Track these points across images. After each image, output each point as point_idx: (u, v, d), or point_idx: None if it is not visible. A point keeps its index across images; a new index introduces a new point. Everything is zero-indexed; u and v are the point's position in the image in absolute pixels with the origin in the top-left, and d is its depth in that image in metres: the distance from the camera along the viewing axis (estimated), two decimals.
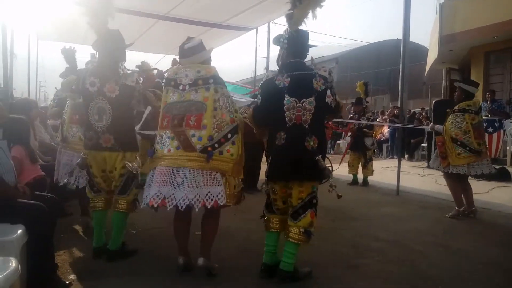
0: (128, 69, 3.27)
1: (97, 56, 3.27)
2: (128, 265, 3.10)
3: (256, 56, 9.00)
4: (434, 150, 5.34)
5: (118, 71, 3.12)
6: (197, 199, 2.57)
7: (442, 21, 11.94)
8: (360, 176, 7.25)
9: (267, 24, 8.67)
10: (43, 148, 4.98)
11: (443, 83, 15.61)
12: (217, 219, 2.89)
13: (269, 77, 2.85)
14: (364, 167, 7.14)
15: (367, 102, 7.39)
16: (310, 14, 2.76)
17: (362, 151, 7.13)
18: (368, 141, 7.09)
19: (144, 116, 4.54)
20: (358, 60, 28.52)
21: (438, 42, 12.12)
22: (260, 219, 3.09)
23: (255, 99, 3.41)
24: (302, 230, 2.73)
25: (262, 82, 2.94)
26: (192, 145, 2.63)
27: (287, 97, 2.70)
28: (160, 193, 2.60)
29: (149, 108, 3.99)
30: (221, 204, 2.61)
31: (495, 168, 7.32)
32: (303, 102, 2.68)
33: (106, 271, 2.99)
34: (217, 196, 2.60)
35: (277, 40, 2.89)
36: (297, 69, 2.77)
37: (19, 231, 2.31)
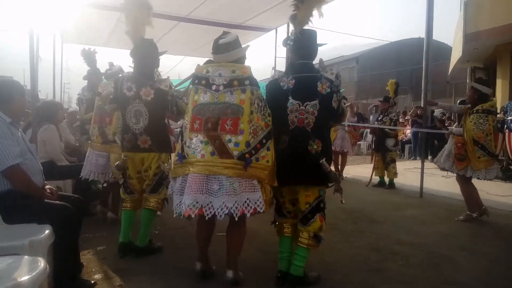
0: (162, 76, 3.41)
1: (132, 64, 3.40)
2: (152, 265, 3.14)
3: (275, 57, 8.97)
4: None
5: (153, 77, 3.29)
6: (236, 207, 2.41)
7: (467, 19, 11.66)
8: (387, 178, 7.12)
9: (286, 24, 8.63)
10: (68, 149, 5.10)
11: (468, 82, 15.25)
12: (245, 228, 2.74)
13: (275, 77, 2.80)
14: (385, 168, 7.02)
15: (395, 103, 7.22)
16: (316, 13, 2.69)
17: (382, 152, 7.03)
18: (389, 142, 6.96)
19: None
20: (378, 59, 28.17)
21: (462, 40, 11.83)
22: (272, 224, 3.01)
23: None
24: (312, 234, 2.69)
25: (267, 82, 2.89)
26: (229, 151, 2.45)
27: (290, 100, 2.65)
28: (197, 202, 2.41)
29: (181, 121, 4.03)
30: (261, 211, 2.47)
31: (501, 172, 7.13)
32: (306, 105, 2.62)
33: (130, 270, 3.04)
34: (255, 203, 2.45)
35: (285, 42, 2.86)
36: (303, 71, 2.71)
37: (47, 231, 2.36)
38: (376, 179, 7.24)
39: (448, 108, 5.71)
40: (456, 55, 13.57)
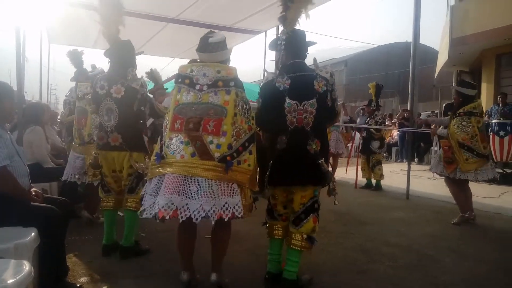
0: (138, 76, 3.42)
1: (108, 64, 3.44)
2: (139, 268, 3.11)
3: (265, 59, 8.99)
4: (434, 153, 5.22)
5: (126, 75, 3.30)
6: (214, 211, 2.31)
7: (453, 24, 11.85)
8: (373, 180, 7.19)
9: (276, 27, 8.67)
10: (55, 151, 5.03)
11: (452, 86, 15.49)
12: (230, 231, 2.65)
13: (269, 79, 2.76)
14: (371, 170, 7.09)
15: (380, 105, 7.29)
16: (303, 15, 2.69)
17: (366, 154, 7.11)
18: (374, 144, 7.03)
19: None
20: (367, 62, 28.47)
21: (448, 44, 12.03)
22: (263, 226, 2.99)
23: None
24: (305, 236, 2.66)
25: (261, 84, 2.85)
26: (210, 153, 2.36)
27: (288, 100, 2.61)
28: (172, 204, 2.28)
29: (151, 120, 4.02)
30: (239, 216, 2.38)
31: (505, 172, 7.26)
32: (304, 104, 2.60)
33: (117, 273, 3.01)
34: (234, 207, 2.36)
35: (273, 45, 2.84)
36: (297, 70, 2.69)
37: (32, 234, 2.32)
38: (363, 181, 7.31)
39: (439, 122, 5.75)
40: (442, 59, 13.78)
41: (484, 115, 4.58)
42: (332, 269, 3.19)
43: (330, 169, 2.71)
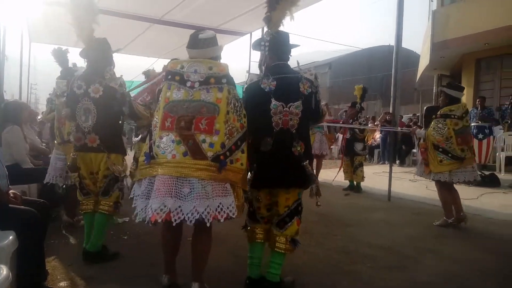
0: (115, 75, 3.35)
1: (85, 64, 3.40)
2: (121, 272, 3.06)
3: (250, 61, 9.02)
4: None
5: (104, 74, 3.24)
6: (208, 212, 2.24)
7: (434, 28, 12.11)
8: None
9: (261, 29, 8.70)
10: (34, 151, 4.94)
11: (434, 89, 15.83)
12: (211, 235, 2.53)
13: (254, 80, 2.73)
14: (353, 172, 7.12)
15: (363, 108, 7.33)
16: (288, 16, 2.68)
17: (350, 156, 7.14)
18: (358, 146, 7.07)
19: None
20: (350, 65, 28.76)
21: (430, 48, 12.28)
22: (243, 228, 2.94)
23: None
24: (289, 239, 2.66)
25: (246, 86, 2.82)
26: (203, 152, 2.29)
27: (273, 101, 2.59)
28: (165, 206, 2.20)
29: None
30: (233, 216, 2.32)
31: (484, 174, 7.43)
32: (290, 106, 2.59)
33: (97, 278, 2.96)
34: (228, 207, 2.30)
35: (257, 45, 2.79)
36: (282, 72, 2.68)
37: (10, 237, 2.26)
38: (346, 183, 7.36)
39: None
40: (424, 63, 14.06)
41: (463, 118, 4.57)
42: (314, 270, 3.21)
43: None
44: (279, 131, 2.60)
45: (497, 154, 8.94)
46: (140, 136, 5.05)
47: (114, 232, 4.02)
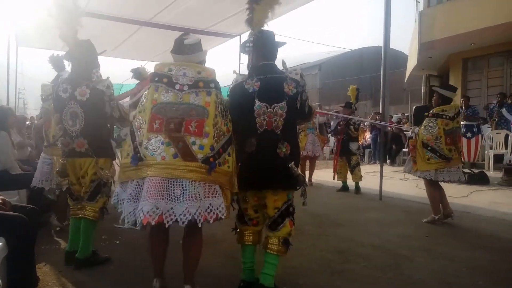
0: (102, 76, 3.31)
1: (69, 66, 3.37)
2: (113, 277, 3.04)
3: (239, 63, 9.03)
4: (408, 153, 5.33)
5: (90, 77, 3.18)
6: (199, 213, 2.26)
7: (422, 29, 12.25)
8: (350, 182, 7.14)
9: (250, 31, 8.74)
10: (22, 149, 4.89)
11: (423, 89, 15.99)
12: (202, 237, 2.55)
13: (238, 81, 2.71)
14: (351, 172, 7.07)
15: (356, 108, 7.33)
16: (269, 14, 2.66)
17: (346, 156, 7.09)
18: (353, 146, 7.06)
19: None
20: (340, 66, 28.95)
21: (417, 49, 12.42)
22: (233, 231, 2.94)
23: None
24: (281, 240, 2.63)
25: (231, 86, 2.78)
26: (193, 154, 2.30)
27: (257, 102, 2.56)
28: (157, 209, 2.19)
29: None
30: (222, 217, 2.34)
31: (473, 172, 7.54)
32: (274, 107, 2.55)
33: (89, 283, 2.93)
34: (217, 208, 2.33)
35: (243, 47, 2.80)
36: (267, 72, 2.64)
37: (0, 244, 2.24)
38: (339, 184, 7.38)
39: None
40: (412, 63, 14.21)
41: (454, 119, 4.63)
42: (308, 271, 3.22)
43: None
44: (263, 132, 2.57)
45: (485, 152, 9.06)
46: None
47: (106, 236, 3.99)
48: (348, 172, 7.18)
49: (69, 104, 3.11)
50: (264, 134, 2.57)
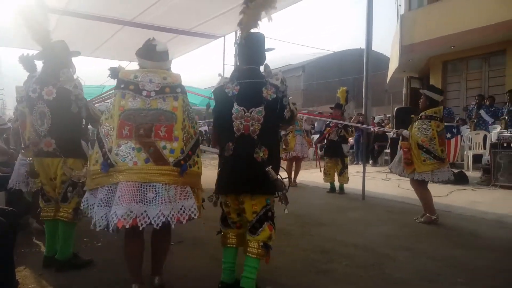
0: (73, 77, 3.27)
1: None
2: (96, 280, 2.99)
3: (224, 64, 9.03)
4: (395, 155, 5.38)
5: (59, 76, 3.14)
6: (173, 215, 2.34)
7: (403, 32, 12.46)
8: (337, 183, 7.13)
9: (234, 32, 8.73)
10: (2, 156, 4.77)
11: (404, 91, 16.25)
12: (170, 234, 2.69)
13: (221, 84, 2.72)
14: (340, 174, 7.00)
15: (345, 109, 7.31)
16: (264, 18, 2.64)
17: (341, 158, 6.99)
18: (345, 148, 7.02)
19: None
20: (323, 68, 29.20)
21: (398, 51, 12.62)
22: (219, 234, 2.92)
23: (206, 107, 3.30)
24: (261, 244, 2.59)
25: (214, 89, 2.81)
26: (164, 158, 2.39)
27: (235, 106, 2.56)
28: (131, 212, 2.25)
29: None
30: (195, 217, 2.45)
31: (454, 174, 7.69)
32: (252, 111, 2.54)
33: (70, 286, 2.88)
34: (190, 209, 2.43)
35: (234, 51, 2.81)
36: (248, 76, 2.63)
37: None
38: (323, 184, 7.42)
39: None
40: (393, 65, 14.43)
41: (442, 120, 4.77)
42: (291, 271, 3.23)
43: (283, 175, 2.66)
44: (240, 136, 2.57)
45: (464, 152, 9.25)
46: None
47: (88, 238, 3.92)
48: (336, 173, 7.12)
49: (38, 104, 3.09)
50: (241, 138, 2.57)
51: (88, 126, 3.59)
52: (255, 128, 2.55)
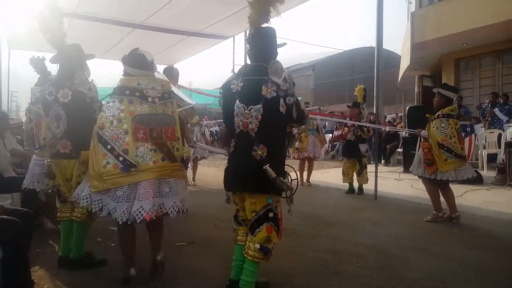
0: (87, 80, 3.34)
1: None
2: (110, 280, 3.01)
3: (233, 64, 9.05)
4: (409, 156, 5.31)
5: (73, 79, 3.20)
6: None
7: (414, 29, 12.32)
8: (355, 184, 7.02)
9: (243, 32, 8.74)
10: (16, 158, 4.84)
11: (416, 89, 16.06)
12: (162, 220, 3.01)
13: (228, 80, 2.73)
14: (359, 174, 6.89)
15: (363, 108, 7.16)
16: (266, 14, 2.60)
17: (358, 158, 6.87)
18: (363, 148, 6.89)
19: None
20: (333, 67, 29.03)
21: (410, 49, 12.48)
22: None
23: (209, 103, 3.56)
24: (257, 246, 2.51)
25: (222, 85, 2.81)
26: (174, 156, 2.78)
27: (237, 103, 2.58)
28: (154, 205, 2.62)
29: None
30: (187, 207, 2.86)
31: (476, 172, 7.58)
32: (251, 108, 2.52)
33: (85, 285, 2.92)
34: (187, 201, 2.87)
35: None
36: (252, 73, 2.60)
37: None
38: (335, 184, 7.35)
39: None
40: (404, 63, 14.28)
41: (459, 118, 4.73)
42: (302, 271, 3.22)
43: (295, 175, 2.66)
44: (239, 133, 2.59)
45: (479, 151, 9.13)
46: None
47: (101, 239, 3.97)
48: (354, 173, 7.01)
49: (54, 106, 3.18)
50: (241, 135, 2.60)
51: None
52: (253, 126, 2.52)
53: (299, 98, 2.78)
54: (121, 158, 2.62)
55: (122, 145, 2.64)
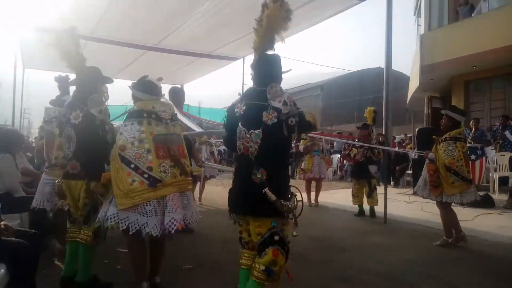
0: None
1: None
2: None
3: (243, 84, 9.14)
4: (419, 177, 5.21)
5: (86, 101, 3.23)
6: (196, 217, 3.03)
7: (423, 52, 12.36)
8: (366, 206, 6.89)
9: (253, 53, 8.87)
10: (26, 177, 4.88)
11: (425, 111, 16.00)
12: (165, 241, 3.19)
13: (233, 103, 2.76)
14: (368, 196, 6.81)
15: (372, 130, 7.13)
16: (271, 40, 2.62)
17: (367, 179, 6.82)
18: (372, 169, 6.83)
19: None
20: (342, 87, 29.15)
21: (419, 71, 12.50)
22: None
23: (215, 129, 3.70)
24: (262, 268, 2.49)
25: (228, 108, 2.86)
26: (187, 171, 3.05)
27: (239, 126, 2.62)
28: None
29: None
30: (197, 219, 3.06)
31: (480, 195, 7.46)
32: (251, 133, 2.55)
33: None
34: (196, 213, 3.08)
35: None
36: (254, 98, 2.61)
37: (1, 271, 2.23)
38: (344, 206, 7.26)
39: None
40: (414, 84, 14.28)
41: (466, 141, 4.71)
42: None
43: (301, 196, 2.64)
44: (240, 156, 2.62)
45: (490, 174, 9.00)
46: None
47: (108, 260, 3.94)
48: (364, 195, 6.91)
49: (66, 127, 3.25)
50: (241, 158, 2.62)
51: None
52: (252, 150, 2.53)
53: (303, 111, 2.67)
54: (145, 175, 2.79)
55: (146, 163, 2.82)
